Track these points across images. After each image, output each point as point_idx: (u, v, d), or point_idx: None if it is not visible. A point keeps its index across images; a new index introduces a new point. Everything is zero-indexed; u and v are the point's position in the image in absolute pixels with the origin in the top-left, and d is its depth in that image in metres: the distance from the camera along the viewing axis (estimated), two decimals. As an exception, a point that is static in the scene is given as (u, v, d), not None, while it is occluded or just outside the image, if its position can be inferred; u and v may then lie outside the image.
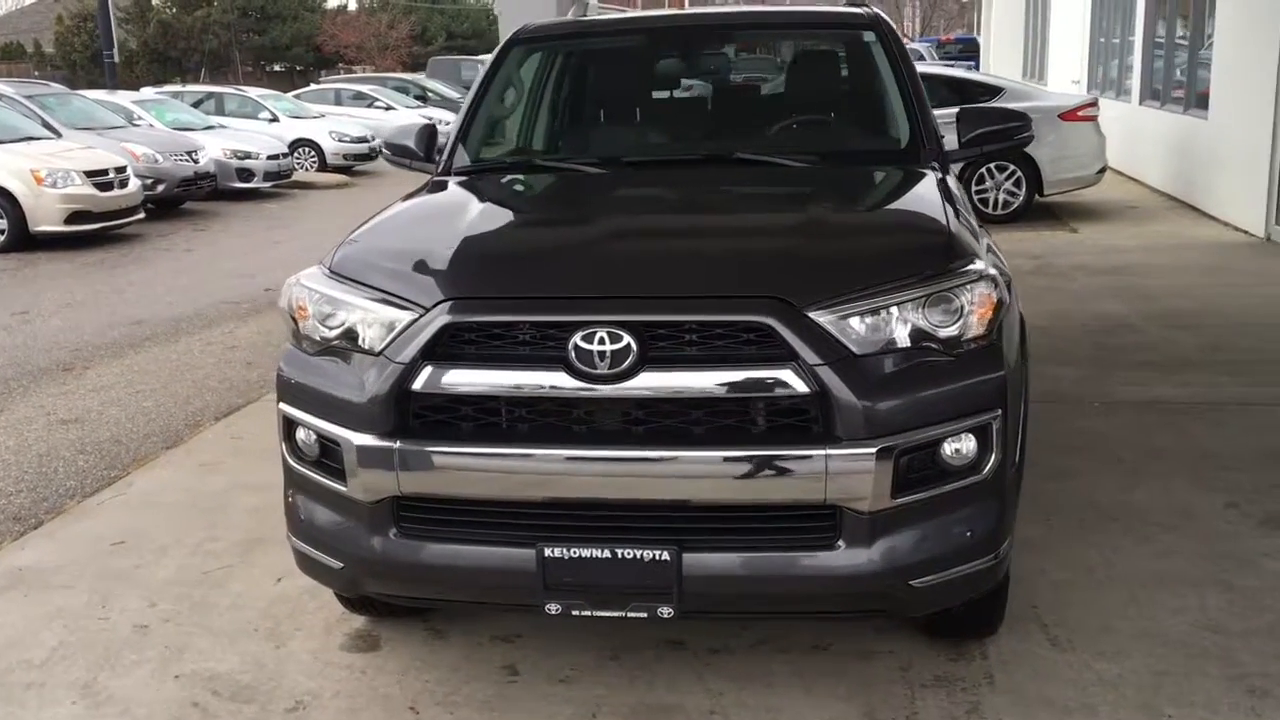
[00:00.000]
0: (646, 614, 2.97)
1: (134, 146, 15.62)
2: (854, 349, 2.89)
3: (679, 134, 4.67)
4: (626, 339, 2.87)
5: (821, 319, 2.89)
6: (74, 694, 3.56)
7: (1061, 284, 9.04)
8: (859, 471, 2.84)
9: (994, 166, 11.81)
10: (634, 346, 2.87)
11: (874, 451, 2.83)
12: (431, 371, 2.97)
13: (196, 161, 16.64)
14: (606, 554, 2.92)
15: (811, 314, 2.89)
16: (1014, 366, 3.14)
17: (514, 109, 4.78)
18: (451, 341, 2.99)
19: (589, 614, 3.00)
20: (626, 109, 4.94)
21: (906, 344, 2.96)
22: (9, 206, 13.06)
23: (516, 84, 4.78)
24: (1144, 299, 8.32)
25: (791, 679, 3.49)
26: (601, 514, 2.98)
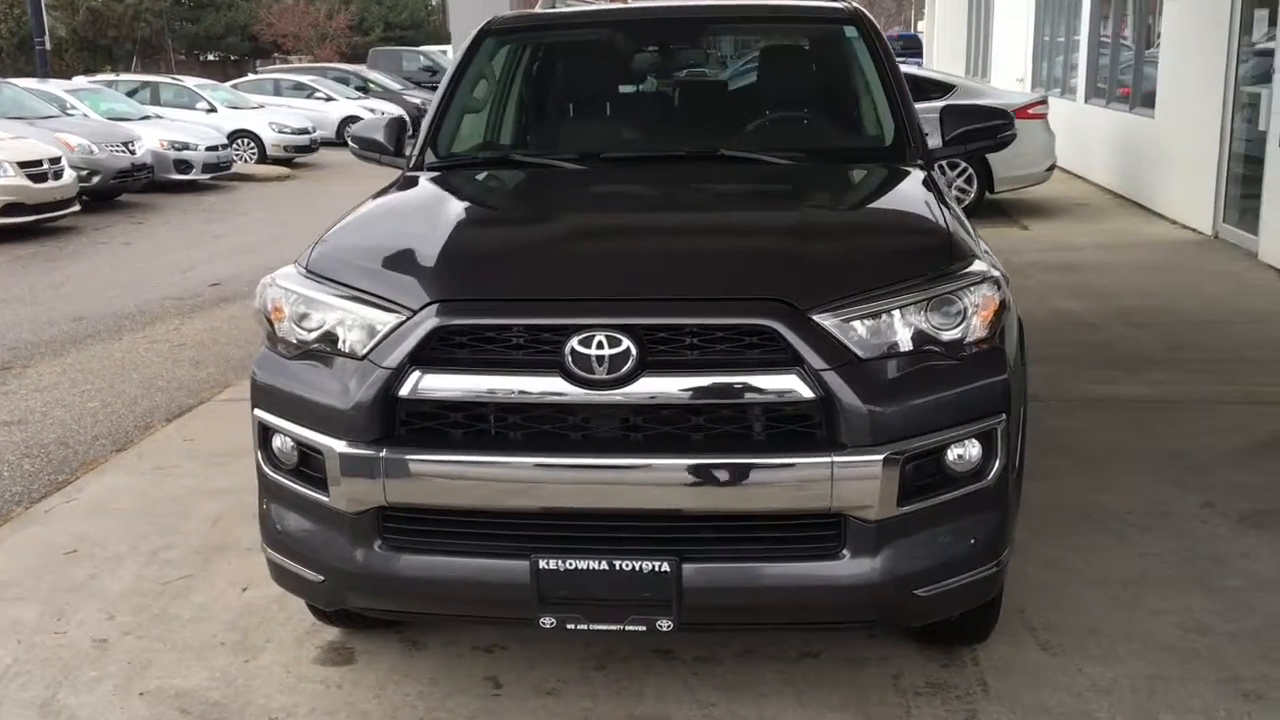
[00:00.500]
0: (645, 627, 2.87)
1: (68, 137, 15.18)
2: (859, 353, 2.82)
3: (660, 130, 4.56)
4: (626, 343, 2.76)
5: (825, 322, 2.81)
6: (31, 713, 3.38)
7: (1018, 281, 8.99)
8: (865, 479, 2.76)
9: (945, 164, 11.83)
10: (633, 351, 2.76)
11: (881, 458, 2.75)
12: (420, 377, 2.85)
13: (133, 153, 16.24)
14: (604, 565, 2.82)
15: (815, 317, 2.81)
16: (1015, 369, 3.08)
17: (487, 102, 4.64)
18: (440, 345, 2.87)
19: (585, 628, 2.89)
20: (605, 103, 4.82)
21: (909, 347, 2.90)
22: (-62, 198, 12.64)
23: (489, 77, 4.63)
24: (1101, 297, 8.37)
25: (783, 688, 3.41)
26: (599, 524, 2.87)
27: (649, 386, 2.78)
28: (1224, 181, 10.46)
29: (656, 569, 2.81)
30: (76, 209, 14.00)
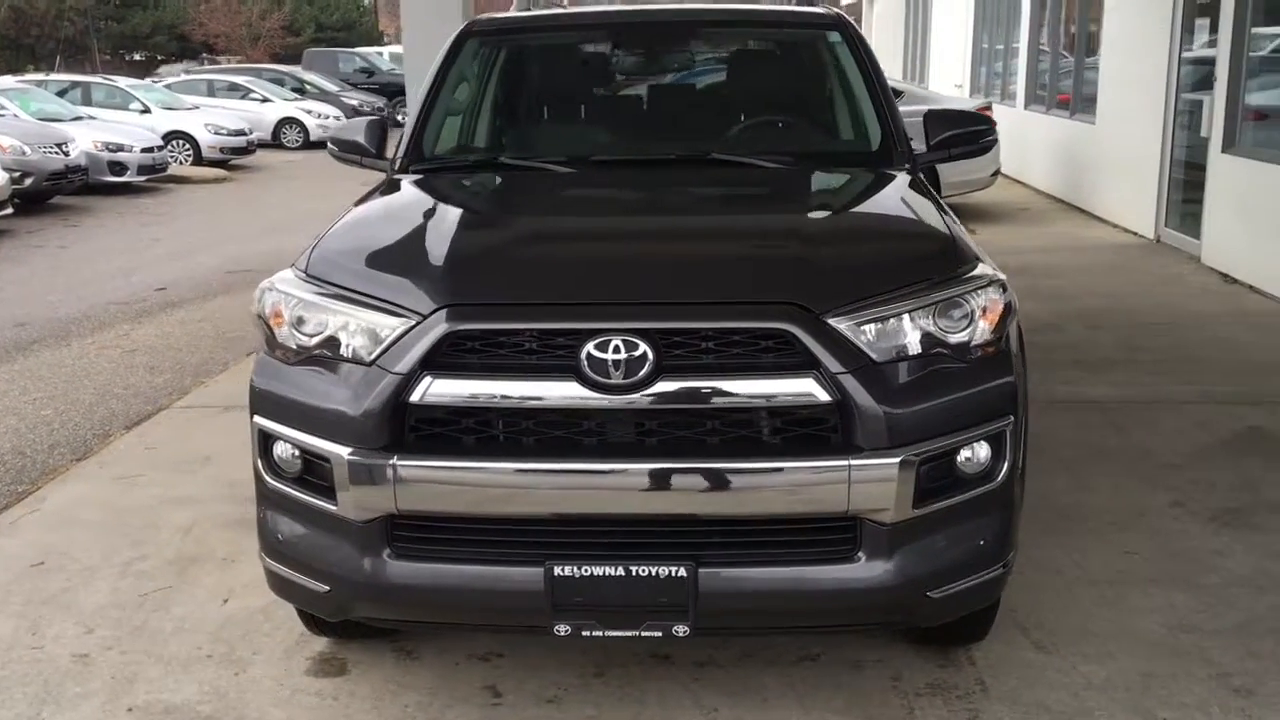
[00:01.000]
0: (661, 633, 2.85)
1: (-1, 137, 14.81)
2: (873, 356, 2.82)
3: (650, 133, 4.52)
4: (643, 347, 2.74)
5: (840, 325, 2.82)
6: (16, 733, 3.28)
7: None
8: (882, 481, 2.77)
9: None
10: (650, 355, 2.75)
11: (898, 461, 2.76)
12: (431, 382, 2.80)
13: (67, 154, 15.87)
14: (620, 571, 2.79)
15: (830, 320, 2.82)
16: (1020, 372, 3.11)
17: (470, 105, 4.58)
18: (451, 350, 2.83)
19: (600, 634, 2.87)
20: (592, 107, 4.79)
21: (918, 350, 2.91)
22: None
23: (470, 78, 4.58)
24: (1056, 299, 8.50)
25: (785, 692, 3.41)
26: (615, 530, 2.85)
27: (665, 391, 2.76)
28: (1166, 187, 10.68)
29: (673, 574, 2.79)
30: (9, 212, 13.63)
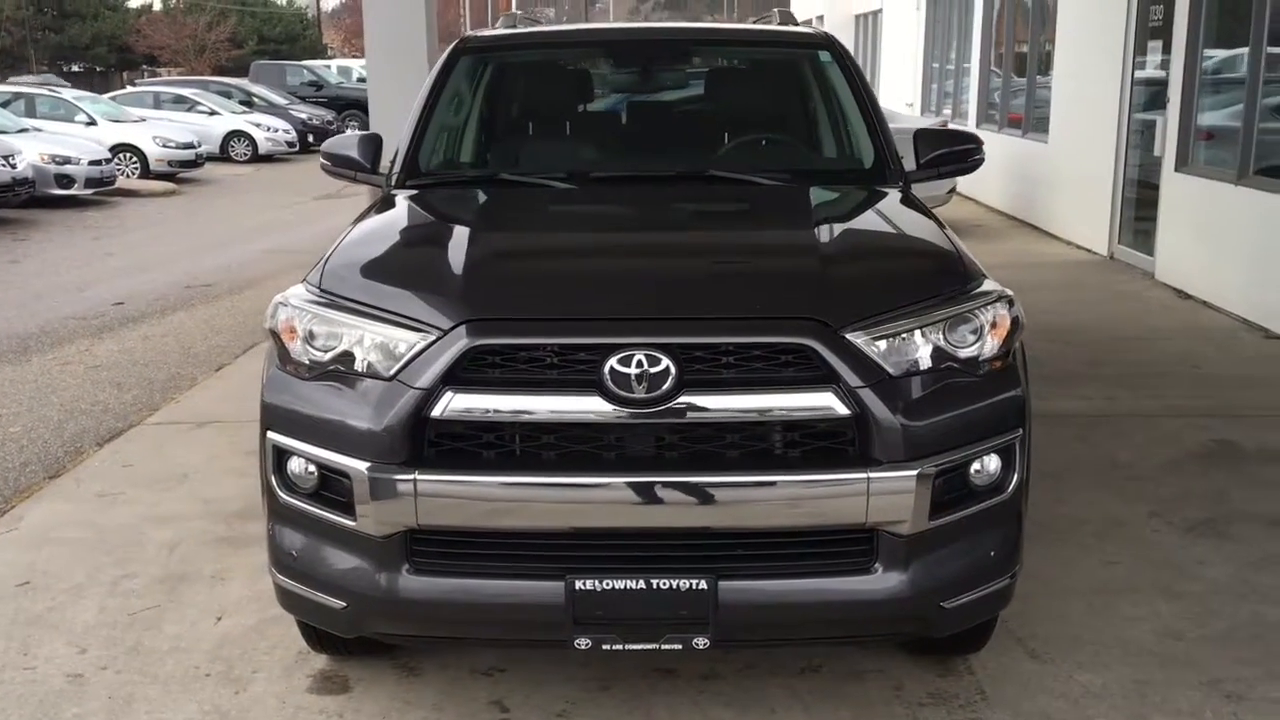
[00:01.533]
0: (681, 645, 2.87)
1: (-56, 150, 14.52)
2: (890, 370, 2.88)
3: (647, 150, 4.55)
4: (665, 362, 2.77)
5: (857, 340, 2.87)
6: (15, 755, 3.22)
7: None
8: (900, 493, 2.82)
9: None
10: (673, 369, 2.78)
11: (915, 473, 2.81)
12: (453, 397, 2.81)
13: (14, 166, 15.57)
14: (641, 585, 2.81)
15: (848, 335, 2.86)
16: (1026, 385, 3.18)
17: (465, 120, 4.58)
18: (473, 365, 2.84)
19: (620, 648, 2.88)
20: (588, 123, 4.81)
21: (930, 365, 2.97)
22: None
23: (464, 95, 4.59)
24: (1017, 314, 8.63)
25: (791, 703, 3.44)
26: (636, 543, 2.87)
27: (688, 404, 2.79)
28: (1119, 205, 10.90)
29: (695, 586, 2.81)
30: (-44, 225, 13.39)
